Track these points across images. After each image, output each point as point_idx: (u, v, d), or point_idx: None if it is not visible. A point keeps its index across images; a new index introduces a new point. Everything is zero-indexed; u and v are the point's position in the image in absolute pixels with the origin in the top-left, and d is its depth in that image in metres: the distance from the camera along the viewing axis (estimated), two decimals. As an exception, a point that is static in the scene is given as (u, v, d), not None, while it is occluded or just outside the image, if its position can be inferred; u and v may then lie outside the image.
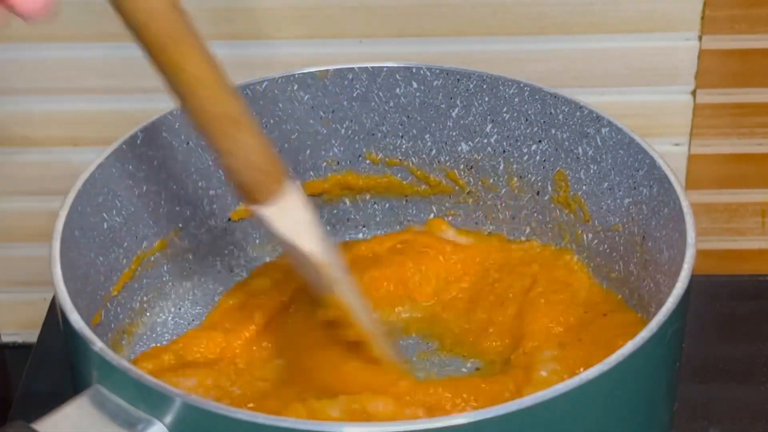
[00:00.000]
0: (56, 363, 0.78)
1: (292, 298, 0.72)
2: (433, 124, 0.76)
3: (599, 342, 0.67)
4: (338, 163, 0.78)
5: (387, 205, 0.79)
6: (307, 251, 0.62)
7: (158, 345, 0.71)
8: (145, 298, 0.73)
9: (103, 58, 0.83)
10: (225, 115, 0.59)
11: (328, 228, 0.79)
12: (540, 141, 0.74)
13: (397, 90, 0.76)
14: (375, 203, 0.79)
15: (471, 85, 0.75)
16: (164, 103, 0.72)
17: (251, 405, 0.64)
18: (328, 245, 0.64)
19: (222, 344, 0.69)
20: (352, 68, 0.75)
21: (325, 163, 0.78)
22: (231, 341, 0.69)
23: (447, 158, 0.77)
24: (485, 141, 0.76)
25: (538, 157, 0.74)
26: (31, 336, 0.87)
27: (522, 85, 0.73)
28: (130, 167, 0.70)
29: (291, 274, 0.74)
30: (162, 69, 0.57)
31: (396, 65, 0.75)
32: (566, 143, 0.73)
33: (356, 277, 0.72)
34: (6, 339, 0.94)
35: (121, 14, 0.55)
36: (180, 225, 0.74)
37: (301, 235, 0.62)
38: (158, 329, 0.74)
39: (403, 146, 0.77)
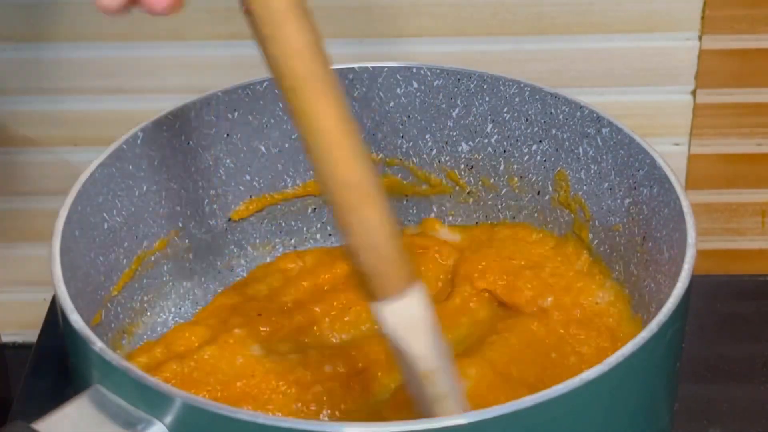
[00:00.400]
0: (56, 363, 0.78)
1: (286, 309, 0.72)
2: (434, 124, 0.76)
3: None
4: (338, 163, 0.78)
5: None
6: (417, 355, 0.55)
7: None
8: (145, 298, 0.73)
9: (103, 58, 0.83)
10: (355, 185, 0.51)
11: (329, 228, 0.80)
12: (540, 141, 0.74)
13: (398, 90, 0.76)
14: (375, 203, 0.79)
15: (471, 85, 0.75)
16: (164, 103, 0.72)
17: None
18: (444, 357, 0.57)
19: (205, 337, 0.69)
20: (353, 68, 0.75)
21: (325, 163, 0.78)
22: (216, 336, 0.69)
23: (447, 158, 0.77)
24: (486, 141, 0.76)
25: (538, 157, 0.74)
26: (31, 336, 0.87)
27: (522, 85, 0.73)
28: (130, 167, 0.70)
29: (289, 282, 0.74)
30: (295, 116, 0.51)
31: (396, 65, 0.75)
32: (567, 143, 0.73)
33: None
34: (6, 339, 0.94)
35: (263, 52, 0.51)
36: (180, 225, 0.74)
37: (415, 340, 0.55)
38: (158, 329, 0.74)
39: (404, 146, 0.77)
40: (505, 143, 0.75)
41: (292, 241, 0.79)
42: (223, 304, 0.73)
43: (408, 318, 0.54)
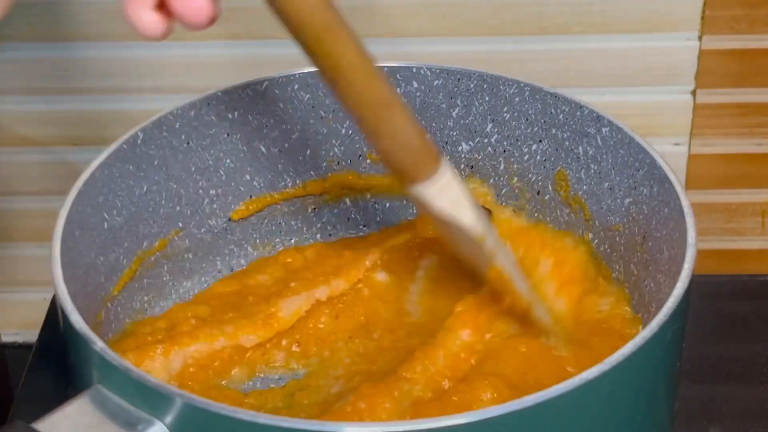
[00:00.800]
0: (56, 363, 0.78)
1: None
2: (434, 124, 0.76)
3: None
4: (339, 162, 0.78)
5: (387, 204, 0.79)
6: (467, 226, 0.63)
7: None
8: (145, 298, 0.73)
9: (102, 58, 0.83)
10: (379, 99, 0.60)
11: (329, 228, 0.80)
12: (540, 141, 0.74)
13: (398, 89, 0.76)
14: (375, 203, 0.79)
15: (471, 85, 0.75)
16: (164, 103, 0.72)
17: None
18: (482, 218, 0.65)
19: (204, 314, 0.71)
20: (353, 68, 0.75)
21: (325, 163, 0.78)
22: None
23: (447, 158, 0.77)
24: (486, 141, 0.76)
25: (538, 157, 0.74)
26: (31, 336, 0.87)
27: (522, 85, 0.73)
28: (130, 167, 0.70)
29: (291, 274, 0.75)
30: (319, 60, 0.58)
31: (396, 65, 0.75)
32: (567, 143, 0.73)
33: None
34: (6, 339, 0.94)
35: (278, 13, 0.56)
36: (180, 225, 0.74)
37: (460, 212, 0.63)
38: (158, 329, 0.74)
39: (404, 146, 0.77)
40: (505, 143, 0.75)
41: (292, 241, 0.79)
42: (224, 292, 0.74)
43: (450, 192, 0.63)
